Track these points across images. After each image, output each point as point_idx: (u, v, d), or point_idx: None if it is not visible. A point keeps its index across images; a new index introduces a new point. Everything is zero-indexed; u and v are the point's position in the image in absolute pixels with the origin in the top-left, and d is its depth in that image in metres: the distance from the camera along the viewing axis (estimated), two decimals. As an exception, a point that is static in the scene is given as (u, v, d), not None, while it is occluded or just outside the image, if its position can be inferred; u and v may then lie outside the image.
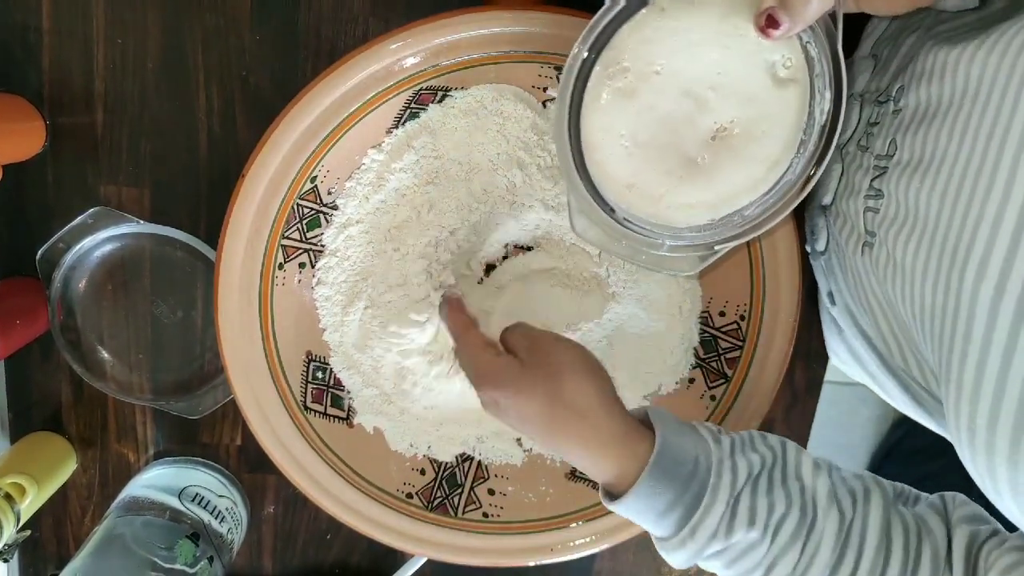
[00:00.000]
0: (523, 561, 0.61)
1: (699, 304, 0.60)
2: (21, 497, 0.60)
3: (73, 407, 0.66)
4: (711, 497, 0.42)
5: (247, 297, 0.57)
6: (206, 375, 0.65)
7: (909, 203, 0.40)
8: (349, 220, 0.58)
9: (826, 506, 0.43)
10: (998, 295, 0.32)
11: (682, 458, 0.43)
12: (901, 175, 0.41)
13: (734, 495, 0.43)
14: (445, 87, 0.56)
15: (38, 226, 0.62)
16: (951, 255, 0.36)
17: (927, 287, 0.38)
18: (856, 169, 0.48)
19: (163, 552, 0.59)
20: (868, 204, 0.45)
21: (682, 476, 0.43)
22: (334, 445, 0.60)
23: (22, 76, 0.60)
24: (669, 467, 0.43)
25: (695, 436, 0.45)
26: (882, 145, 0.45)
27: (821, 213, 0.53)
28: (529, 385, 0.45)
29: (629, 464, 0.44)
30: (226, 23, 0.59)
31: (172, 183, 0.62)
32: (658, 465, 0.43)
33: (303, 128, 0.54)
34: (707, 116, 0.41)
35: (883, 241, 0.43)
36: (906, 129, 0.42)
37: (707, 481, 0.43)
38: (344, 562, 0.70)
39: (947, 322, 0.36)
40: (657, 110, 0.41)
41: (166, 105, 0.60)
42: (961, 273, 0.35)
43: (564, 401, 0.45)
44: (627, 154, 0.43)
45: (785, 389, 0.66)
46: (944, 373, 0.36)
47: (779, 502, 0.43)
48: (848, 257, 0.49)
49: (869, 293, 0.46)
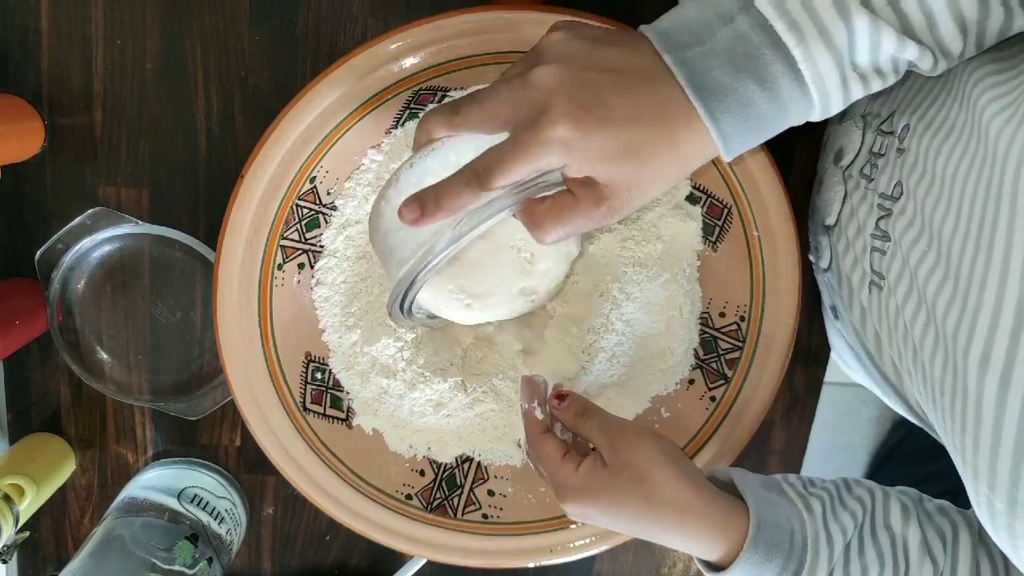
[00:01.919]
0: (523, 562, 0.61)
1: (699, 305, 0.60)
2: (20, 498, 0.60)
3: (72, 408, 0.66)
4: (810, 574, 0.43)
5: (246, 298, 0.57)
6: (205, 376, 0.65)
7: (911, 268, 0.40)
8: (348, 221, 0.58)
9: (919, 558, 0.44)
10: (1003, 388, 0.32)
11: (778, 538, 0.43)
12: (905, 231, 0.41)
13: (830, 569, 0.43)
14: (444, 87, 0.56)
15: (37, 227, 0.62)
16: (953, 338, 0.35)
17: (936, 363, 0.37)
18: (860, 201, 0.47)
19: (162, 553, 0.59)
20: (875, 244, 0.45)
21: (780, 554, 0.43)
22: (333, 446, 0.60)
23: (21, 77, 0.60)
24: (766, 548, 0.43)
25: (787, 505, 0.45)
26: (887, 184, 0.44)
27: (824, 232, 0.53)
28: (621, 493, 0.45)
29: (731, 545, 0.44)
30: (225, 24, 0.59)
31: (171, 184, 0.62)
32: (755, 547, 0.43)
33: (302, 128, 0.54)
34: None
35: (892, 291, 0.42)
36: (908, 176, 0.42)
37: (804, 559, 0.43)
38: (343, 563, 0.70)
39: (956, 402, 0.35)
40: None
41: (165, 106, 0.60)
42: (965, 359, 0.34)
43: (662, 501, 0.45)
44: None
45: (785, 390, 0.66)
46: (958, 450, 0.36)
47: (872, 564, 0.44)
48: (854, 291, 0.48)
49: (877, 330, 0.46)
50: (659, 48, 0.37)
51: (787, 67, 0.36)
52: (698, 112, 0.37)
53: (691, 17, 0.37)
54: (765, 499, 0.45)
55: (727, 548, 0.44)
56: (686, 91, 0.36)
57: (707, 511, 0.45)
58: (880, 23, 0.35)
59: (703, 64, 0.36)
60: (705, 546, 0.45)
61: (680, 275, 0.59)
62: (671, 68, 0.37)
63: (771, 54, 0.36)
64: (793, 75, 0.36)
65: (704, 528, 0.44)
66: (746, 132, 0.37)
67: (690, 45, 0.37)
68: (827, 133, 0.57)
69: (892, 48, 0.36)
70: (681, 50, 0.37)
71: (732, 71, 0.36)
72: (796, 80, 0.36)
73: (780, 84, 0.36)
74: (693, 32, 0.37)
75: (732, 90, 0.36)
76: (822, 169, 0.55)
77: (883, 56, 0.36)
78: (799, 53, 0.35)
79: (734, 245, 0.58)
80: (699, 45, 0.36)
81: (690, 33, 0.37)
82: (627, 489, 0.45)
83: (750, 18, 0.36)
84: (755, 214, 0.57)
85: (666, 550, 0.70)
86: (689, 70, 0.36)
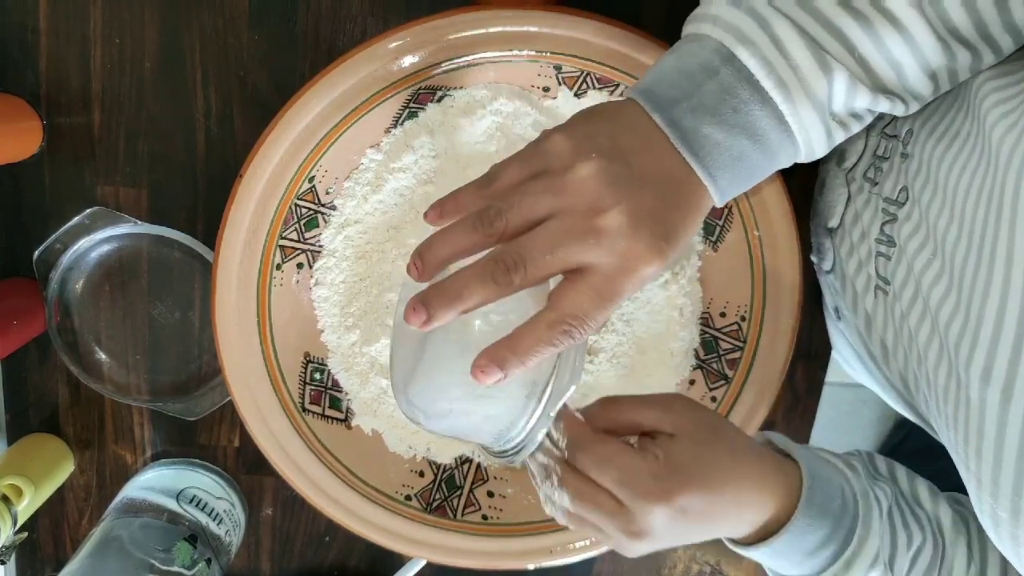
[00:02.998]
0: (522, 563, 0.60)
1: (700, 305, 0.60)
2: (18, 499, 0.60)
3: (70, 408, 0.66)
4: (864, 530, 0.41)
5: (245, 298, 0.56)
6: (204, 376, 0.65)
7: (916, 274, 0.40)
8: (347, 220, 0.58)
9: (953, 536, 0.42)
10: (1005, 401, 0.32)
11: (830, 492, 0.41)
12: (911, 237, 0.41)
13: (882, 527, 0.41)
14: (444, 86, 0.55)
15: (35, 227, 0.62)
16: (955, 349, 0.35)
17: (940, 372, 0.37)
18: (864, 204, 0.47)
19: (161, 554, 0.58)
20: (880, 249, 0.45)
21: (834, 510, 0.41)
22: (332, 447, 0.60)
23: (19, 76, 0.59)
24: (821, 503, 0.41)
25: (830, 463, 0.44)
26: (892, 189, 0.44)
27: (827, 235, 0.53)
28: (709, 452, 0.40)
29: (780, 504, 0.40)
30: (224, 23, 0.59)
31: (170, 183, 0.62)
32: (811, 501, 0.40)
33: (301, 128, 0.54)
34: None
35: (898, 296, 0.42)
36: (913, 181, 0.42)
37: (857, 513, 0.41)
38: (342, 564, 0.70)
39: (960, 411, 0.35)
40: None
41: (164, 105, 0.60)
42: (967, 370, 0.34)
43: (743, 448, 0.41)
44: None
45: (786, 390, 0.65)
46: (961, 459, 0.36)
47: (916, 534, 0.42)
48: (858, 295, 0.48)
49: (883, 335, 0.46)
50: (648, 109, 0.37)
51: (775, 121, 0.37)
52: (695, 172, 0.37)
53: (672, 69, 0.38)
54: (811, 455, 0.43)
55: (776, 508, 0.40)
56: (682, 153, 0.37)
57: (760, 464, 0.41)
58: (855, 80, 0.36)
59: (694, 123, 0.37)
60: (753, 508, 0.40)
61: (680, 275, 0.58)
62: (663, 131, 0.37)
63: (760, 110, 0.37)
64: (781, 128, 0.37)
65: (756, 484, 0.40)
66: (738, 182, 0.38)
67: (677, 101, 0.37)
68: None
69: (866, 102, 0.37)
70: (669, 108, 0.37)
71: (724, 128, 0.37)
72: (784, 132, 0.37)
73: (769, 137, 0.37)
74: (678, 86, 0.37)
75: (725, 147, 0.37)
76: (824, 171, 0.55)
77: (858, 106, 0.37)
78: (786, 109, 0.36)
79: (735, 245, 0.58)
80: (686, 100, 0.37)
81: (674, 87, 0.37)
82: (712, 446, 0.40)
83: (734, 71, 0.36)
84: (756, 214, 0.56)
85: (667, 550, 0.70)
86: (681, 131, 0.37)
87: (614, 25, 0.52)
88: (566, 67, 0.55)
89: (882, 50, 0.36)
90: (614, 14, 0.52)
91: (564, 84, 0.56)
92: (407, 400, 0.40)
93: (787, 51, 0.36)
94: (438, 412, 0.40)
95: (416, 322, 0.36)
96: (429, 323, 0.36)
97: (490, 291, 0.35)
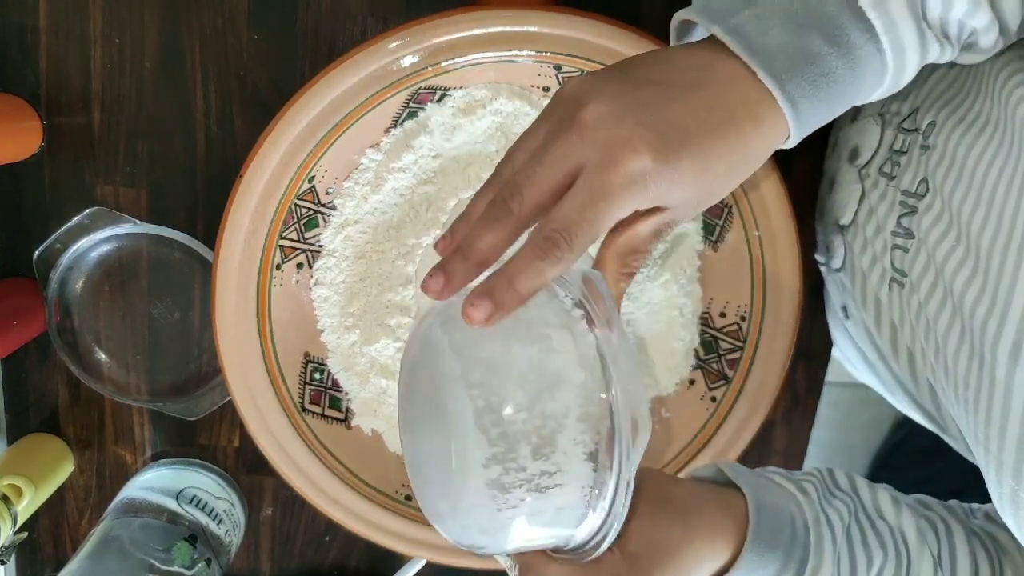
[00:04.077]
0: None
1: (699, 305, 0.60)
2: (18, 499, 0.59)
3: (70, 408, 0.66)
4: (816, 559, 0.38)
5: (244, 298, 0.56)
6: (204, 376, 0.65)
7: (938, 264, 0.39)
8: (347, 220, 0.58)
9: (918, 548, 0.41)
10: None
11: (779, 521, 0.39)
12: (932, 227, 0.40)
13: (837, 553, 0.39)
14: (444, 86, 0.55)
15: (35, 227, 0.62)
16: (981, 331, 0.34)
17: (961, 357, 0.36)
18: (880, 199, 0.46)
19: (160, 554, 0.58)
20: (896, 242, 0.43)
21: (783, 541, 0.38)
22: (332, 447, 0.60)
23: (19, 76, 0.59)
24: (769, 534, 0.38)
25: (780, 489, 0.41)
26: (911, 182, 0.43)
27: (838, 232, 0.52)
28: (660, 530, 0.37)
29: (732, 545, 0.38)
30: (224, 22, 0.59)
31: (169, 183, 0.62)
32: (758, 535, 0.38)
33: (301, 128, 0.54)
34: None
35: (915, 287, 0.41)
36: (934, 172, 0.41)
37: (808, 544, 0.39)
38: (342, 564, 0.70)
39: (982, 394, 0.34)
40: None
41: (164, 105, 0.60)
42: (993, 350, 0.33)
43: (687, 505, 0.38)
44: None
45: (786, 390, 0.65)
46: (980, 441, 0.35)
47: (876, 552, 0.40)
48: (870, 288, 0.47)
49: (896, 328, 0.45)
50: (704, 21, 0.33)
51: (855, 18, 0.32)
52: (760, 82, 0.32)
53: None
54: (758, 483, 0.41)
55: (732, 549, 0.39)
56: (743, 57, 0.32)
57: (709, 515, 0.39)
58: None
59: (758, 26, 0.32)
60: (713, 558, 0.39)
61: (680, 275, 0.58)
62: (723, 39, 0.32)
63: (835, 5, 0.31)
64: (863, 26, 0.32)
65: (708, 536, 0.39)
66: (816, 98, 0.32)
67: (737, 10, 0.32)
68: (836, 133, 0.57)
69: (964, 8, 0.32)
70: (729, 17, 0.32)
71: (793, 28, 0.31)
72: (867, 31, 0.32)
73: (850, 36, 0.32)
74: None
75: (795, 48, 0.31)
76: (834, 168, 0.55)
77: (953, 17, 0.33)
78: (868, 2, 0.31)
79: (735, 245, 0.58)
80: (748, 8, 0.32)
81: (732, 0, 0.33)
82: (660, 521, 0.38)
83: None
84: (756, 214, 0.56)
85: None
86: (743, 35, 0.32)
87: (614, 25, 0.52)
88: (566, 67, 0.55)
89: None
90: (614, 14, 0.52)
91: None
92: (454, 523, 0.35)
93: None
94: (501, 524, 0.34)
95: (479, 318, 0.32)
96: (494, 318, 0.32)
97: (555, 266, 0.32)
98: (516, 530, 0.34)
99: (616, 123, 0.31)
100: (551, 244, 0.31)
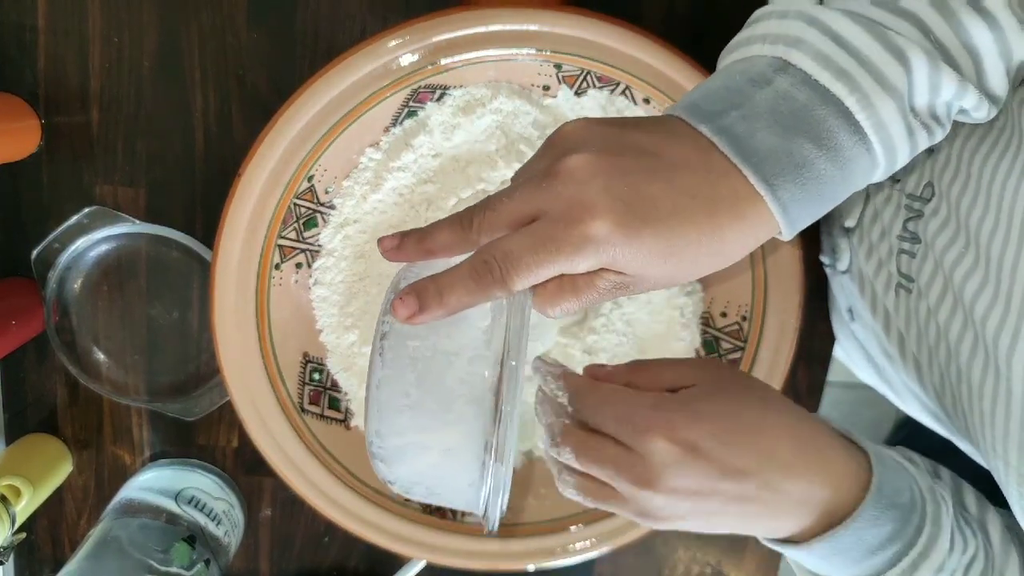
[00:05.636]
0: (522, 565, 0.60)
1: (700, 305, 0.60)
2: (16, 499, 0.59)
3: (69, 409, 0.66)
4: (934, 528, 0.36)
5: (243, 298, 0.56)
6: (202, 376, 0.65)
7: (946, 270, 0.38)
8: (347, 220, 0.57)
9: (1003, 549, 0.39)
10: None
11: (899, 482, 0.37)
12: (939, 233, 0.39)
13: (951, 527, 0.37)
14: (444, 85, 0.55)
15: (33, 226, 0.62)
16: (994, 342, 0.34)
17: (976, 365, 0.36)
18: (885, 202, 0.46)
19: (159, 555, 0.58)
20: (903, 247, 0.43)
21: (903, 504, 0.36)
22: (331, 447, 0.59)
23: (17, 75, 0.59)
24: (892, 492, 0.36)
25: (893, 452, 0.40)
26: (916, 185, 0.42)
27: (843, 234, 0.52)
28: (732, 394, 0.36)
29: (842, 495, 0.35)
30: (222, 21, 0.59)
31: (168, 183, 0.62)
32: (881, 490, 0.36)
33: (300, 127, 0.53)
34: None
35: (923, 294, 0.40)
36: (940, 176, 0.40)
37: (926, 510, 0.37)
38: (342, 565, 0.70)
39: (999, 405, 0.34)
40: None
41: (162, 104, 0.60)
42: (1008, 364, 0.33)
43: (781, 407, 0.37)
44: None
45: (787, 390, 0.65)
46: (999, 454, 0.34)
47: (970, 540, 0.38)
48: (877, 294, 0.47)
49: (903, 333, 0.45)
50: (692, 121, 0.33)
51: (843, 120, 0.32)
52: (750, 183, 0.32)
53: (718, 87, 0.34)
54: (875, 446, 0.38)
55: (831, 491, 0.35)
56: (732, 159, 0.32)
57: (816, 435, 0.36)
58: (938, 63, 0.31)
59: (746, 128, 0.32)
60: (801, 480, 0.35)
61: (681, 275, 0.58)
62: (711, 139, 0.32)
63: (822, 108, 0.32)
64: (851, 128, 0.32)
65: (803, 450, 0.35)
66: (807, 200, 0.32)
67: (725, 111, 0.33)
68: None
69: (952, 91, 0.32)
70: (717, 118, 0.32)
71: (780, 131, 0.32)
72: (855, 133, 0.32)
73: (838, 139, 0.32)
74: (725, 100, 0.33)
75: (785, 152, 0.32)
76: None
77: (941, 101, 0.33)
78: (854, 103, 0.32)
79: (736, 244, 0.58)
80: (735, 110, 0.32)
81: (721, 101, 0.33)
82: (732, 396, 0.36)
83: (790, 77, 0.32)
84: (757, 213, 0.56)
85: (668, 551, 0.70)
86: (731, 137, 0.32)
87: (614, 23, 0.51)
88: (566, 65, 0.54)
89: (961, 34, 0.31)
90: (615, 12, 0.52)
91: (564, 83, 0.56)
92: (371, 454, 0.37)
93: (846, 41, 0.31)
94: (393, 452, 0.36)
95: (405, 314, 0.34)
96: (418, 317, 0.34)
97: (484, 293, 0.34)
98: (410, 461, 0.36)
99: (587, 182, 0.32)
100: (485, 269, 0.33)
